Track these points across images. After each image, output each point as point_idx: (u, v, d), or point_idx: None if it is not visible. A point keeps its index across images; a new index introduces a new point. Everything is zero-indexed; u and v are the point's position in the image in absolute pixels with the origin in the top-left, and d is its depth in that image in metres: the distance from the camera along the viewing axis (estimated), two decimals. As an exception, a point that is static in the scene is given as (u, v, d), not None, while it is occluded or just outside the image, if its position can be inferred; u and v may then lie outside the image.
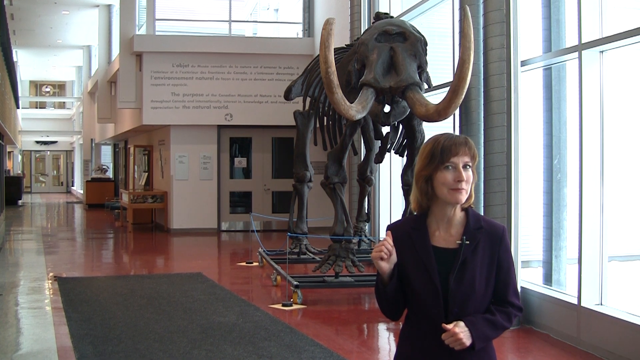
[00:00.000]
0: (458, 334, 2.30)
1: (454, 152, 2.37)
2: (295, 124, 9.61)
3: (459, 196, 2.37)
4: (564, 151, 6.94)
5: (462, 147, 2.38)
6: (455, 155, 2.37)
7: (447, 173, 2.37)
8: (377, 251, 2.36)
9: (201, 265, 10.52)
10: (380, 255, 2.35)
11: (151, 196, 16.22)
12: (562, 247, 6.91)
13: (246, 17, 19.26)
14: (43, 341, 6.15)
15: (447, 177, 2.37)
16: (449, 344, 2.32)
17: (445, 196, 2.38)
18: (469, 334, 2.32)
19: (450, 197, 2.38)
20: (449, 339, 2.31)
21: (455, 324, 2.32)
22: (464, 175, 2.35)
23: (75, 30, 23.05)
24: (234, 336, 6.10)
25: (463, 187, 2.36)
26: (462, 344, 2.31)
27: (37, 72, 33.60)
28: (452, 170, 2.37)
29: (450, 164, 2.37)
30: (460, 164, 2.37)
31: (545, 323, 6.37)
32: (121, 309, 7.27)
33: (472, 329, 2.33)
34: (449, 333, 2.31)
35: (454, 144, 2.38)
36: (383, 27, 6.63)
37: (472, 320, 2.35)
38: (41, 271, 9.98)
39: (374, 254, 2.37)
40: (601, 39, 5.87)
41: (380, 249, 2.36)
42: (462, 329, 2.31)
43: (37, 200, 31.22)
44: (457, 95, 5.72)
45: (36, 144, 40.31)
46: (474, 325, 2.34)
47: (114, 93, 18.99)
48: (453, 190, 2.37)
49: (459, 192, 2.36)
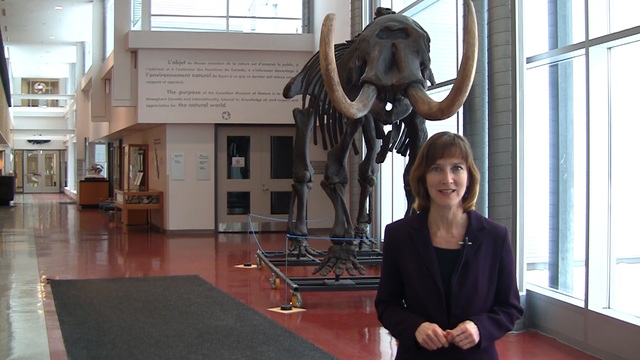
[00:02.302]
0: (469, 329, 2.32)
1: (439, 154, 2.38)
2: (295, 122, 9.62)
3: (446, 199, 2.38)
4: (571, 150, 6.94)
5: (447, 148, 2.38)
6: (441, 157, 2.38)
7: (434, 175, 2.39)
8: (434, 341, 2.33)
9: (198, 268, 10.52)
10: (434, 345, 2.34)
11: (146, 197, 16.22)
12: (568, 249, 6.91)
13: (244, 12, 19.25)
14: (35, 345, 6.15)
15: (434, 179, 2.39)
16: (459, 340, 2.32)
17: (435, 198, 2.41)
18: (477, 331, 2.34)
19: (439, 199, 2.40)
20: (460, 335, 2.32)
21: (462, 329, 2.34)
22: (449, 177, 2.36)
23: (69, 26, 23.05)
24: (232, 340, 6.10)
25: (451, 189, 2.37)
26: (472, 342, 2.33)
27: (30, 69, 33.60)
28: (438, 172, 2.38)
29: (436, 166, 2.38)
30: (447, 166, 2.37)
31: (551, 327, 6.37)
32: (116, 313, 7.27)
33: (480, 327, 2.35)
34: (461, 329, 2.32)
35: (440, 145, 2.39)
36: (385, 23, 6.63)
37: (479, 318, 2.38)
38: (33, 274, 9.98)
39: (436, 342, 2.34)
40: (609, 35, 5.86)
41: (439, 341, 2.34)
42: (473, 326, 2.34)
43: (30, 200, 31.22)
44: (460, 93, 5.72)
45: (28, 143, 40.31)
46: (481, 324, 2.37)
47: (109, 91, 18.99)
48: (440, 193, 2.38)
49: (446, 194, 2.38)
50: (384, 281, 2.56)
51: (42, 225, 19.58)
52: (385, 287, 2.55)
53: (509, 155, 6.63)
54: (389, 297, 2.53)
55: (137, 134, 19.32)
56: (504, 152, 6.63)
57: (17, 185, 32.77)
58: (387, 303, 2.53)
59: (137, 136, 19.41)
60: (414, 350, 2.41)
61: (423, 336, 2.34)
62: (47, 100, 39.82)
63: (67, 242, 15.14)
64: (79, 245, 14.69)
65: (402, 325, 2.42)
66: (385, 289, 2.55)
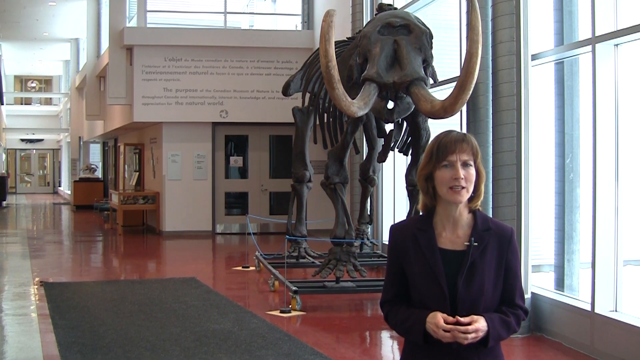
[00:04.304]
0: (479, 330, 2.33)
1: (450, 150, 2.40)
2: (294, 121, 9.61)
3: (457, 196, 2.40)
4: (577, 150, 6.94)
5: (459, 144, 2.41)
6: (452, 153, 2.40)
7: (445, 171, 2.40)
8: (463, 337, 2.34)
9: (195, 270, 10.52)
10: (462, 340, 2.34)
11: (142, 197, 16.21)
12: (574, 251, 6.91)
13: (242, 8, 19.25)
14: (28, 350, 6.15)
15: (445, 176, 2.40)
16: (460, 332, 2.32)
17: (445, 195, 2.42)
18: (487, 331, 2.36)
19: (450, 196, 2.41)
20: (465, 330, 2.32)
21: (473, 319, 2.34)
22: (460, 173, 2.38)
23: (63, 22, 23.06)
24: (230, 344, 6.11)
25: (461, 185, 2.39)
26: (474, 341, 2.34)
27: (23, 66, 33.62)
28: (449, 168, 2.40)
29: (447, 162, 2.40)
30: (457, 162, 2.39)
31: (557, 330, 6.37)
32: (111, 316, 7.27)
33: (491, 327, 2.37)
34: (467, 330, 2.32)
35: (451, 141, 2.41)
36: (386, 19, 6.63)
37: (491, 317, 2.39)
38: (26, 276, 9.99)
39: (459, 338, 2.34)
40: (616, 31, 5.87)
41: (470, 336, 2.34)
42: (484, 327, 2.35)
43: (23, 201, 31.23)
44: (464, 91, 5.71)
45: (21, 142, 40.30)
46: (492, 323, 2.38)
47: (103, 88, 18.99)
48: (451, 189, 2.40)
49: (457, 191, 2.39)
50: (389, 282, 2.57)
51: (36, 226, 19.58)
52: (390, 288, 2.57)
53: (513, 155, 6.63)
54: (394, 298, 2.55)
55: (132, 133, 19.32)
56: (509, 152, 6.63)
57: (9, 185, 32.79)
58: (392, 303, 2.54)
59: (132, 135, 19.41)
60: (421, 347, 2.42)
61: (433, 322, 2.35)
62: (41, 98, 39.83)
63: (61, 244, 15.14)
64: (73, 246, 14.70)
65: (410, 321, 2.44)
66: (390, 290, 2.57)
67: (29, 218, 22.31)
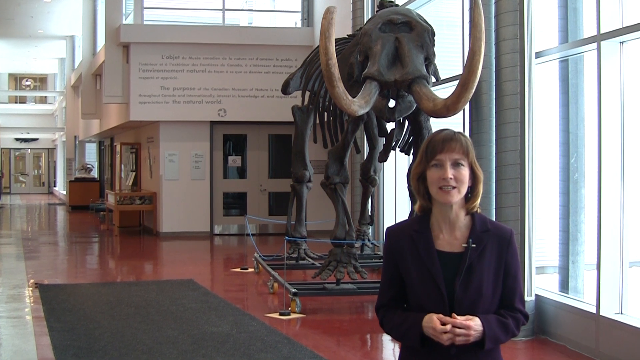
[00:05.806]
0: (471, 329, 2.32)
1: (439, 149, 2.39)
2: (294, 120, 9.62)
3: (447, 196, 2.39)
4: (582, 149, 6.94)
5: (448, 143, 2.39)
6: (441, 152, 2.39)
7: (434, 171, 2.40)
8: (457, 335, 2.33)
9: (193, 272, 10.52)
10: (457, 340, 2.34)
11: (139, 197, 16.22)
12: (579, 252, 6.92)
13: (241, 5, 19.25)
14: (23, 353, 6.16)
15: (434, 175, 2.40)
16: (453, 334, 2.32)
17: (435, 195, 2.42)
18: (482, 332, 2.35)
19: (440, 197, 2.41)
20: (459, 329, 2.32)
21: (468, 318, 2.34)
22: (449, 172, 2.37)
23: (58, 19, 23.05)
24: (228, 347, 6.11)
25: (451, 185, 2.38)
26: (467, 341, 2.33)
27: (17, 64, 33.59)
28: (438, 167, 2.39)
29: (436, 161, 2.39)
30: (447, 161, 2.38)
31: (561, 333, 6.37)
32: (107, 319, 7.27)
33: (487, 328, 2.36)
34: (461, 324, 2.32)
35: (440, 140, 2.41)
36: (387, 16, 6.63)
37: (487, 318, 2.38)
38: (21, 278, 9.99)
39: (457, 338, 2.34)
40: (621, 28, 5.87)
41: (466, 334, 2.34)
42: (477, 327, 2.34)
43: (17, 201, 31.23)
44: (466, 90, 5.72)
45: (16, 142, 40.30)
46: (489, 324, 2.37)
47: (99, 87, 19.00)
48: (441, 189, 2.39)
49: (447, 191, 2.38)
50: (385, 285, 2.56)
51: (30, 227, 19.59)
52: (386, 291, 2.56)
53: (517, 154, 6.63)
54: (390, 302, 2.54)
55: (129, 132, 19.32)
56: (512, 151, 6.63)
57: (3, 185, 32.83)
58: (388, 308, 2.53)
59: (129, 134, 19.41)
60: (418, 351, 2.42)
61: (430, 325, 2.35)
62: (35, 97, 39.78)
63: (56, 245, 15.15)
64: (68, 248, 14.70)
65: (406, 325, 2.43)
66: (386, 293, 2.55)
67: (24, 219, 22.32)
